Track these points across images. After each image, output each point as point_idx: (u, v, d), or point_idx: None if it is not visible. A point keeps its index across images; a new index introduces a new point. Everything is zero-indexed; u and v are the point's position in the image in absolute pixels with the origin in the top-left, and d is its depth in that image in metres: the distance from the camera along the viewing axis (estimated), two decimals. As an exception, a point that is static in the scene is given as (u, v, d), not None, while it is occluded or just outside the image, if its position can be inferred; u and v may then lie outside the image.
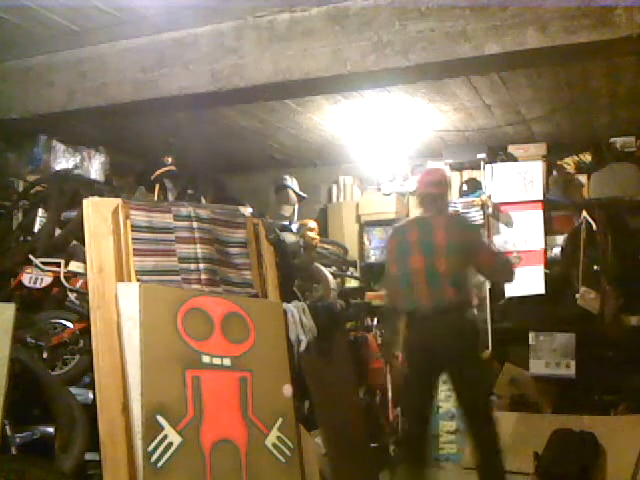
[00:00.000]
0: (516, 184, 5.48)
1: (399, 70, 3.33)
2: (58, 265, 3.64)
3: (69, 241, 3.84)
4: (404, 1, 3.24)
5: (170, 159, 5.12)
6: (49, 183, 4.25)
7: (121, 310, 3.20)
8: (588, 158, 5.51)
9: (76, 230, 3.66)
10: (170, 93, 3.74)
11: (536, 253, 5.41)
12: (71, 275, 3.62)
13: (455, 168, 5.79)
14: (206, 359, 3.30)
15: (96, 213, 3.40)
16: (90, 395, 3.21)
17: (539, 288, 5.31)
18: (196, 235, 3.62)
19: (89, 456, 3.06)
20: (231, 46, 3.59)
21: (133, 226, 3.45)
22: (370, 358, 5.06)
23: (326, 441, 3.88)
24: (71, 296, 3.56)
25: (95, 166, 5.10)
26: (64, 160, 4.82)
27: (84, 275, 3.45)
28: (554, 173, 5.56)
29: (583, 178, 5.47)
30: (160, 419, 3.04)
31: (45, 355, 3.34)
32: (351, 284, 5.94)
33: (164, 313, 3.26)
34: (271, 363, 3.54)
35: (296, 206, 5.81)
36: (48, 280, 3.59)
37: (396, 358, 4.15)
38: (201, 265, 3.57)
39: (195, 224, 3.64)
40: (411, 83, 4.19)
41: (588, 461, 4.41)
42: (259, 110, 4.98)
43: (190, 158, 5.59)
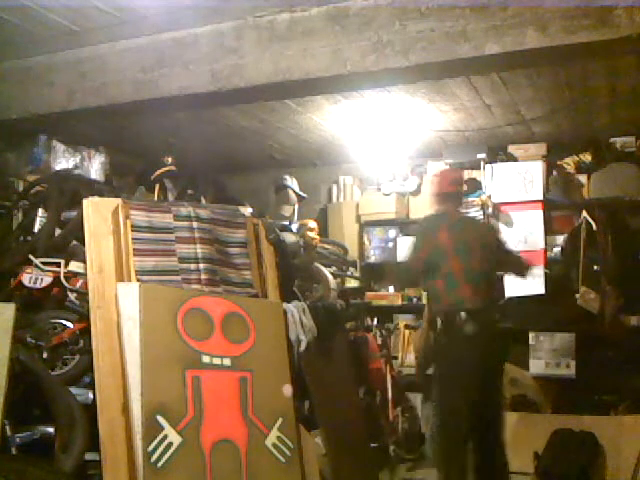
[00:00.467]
0: (516, 184, 5.48)
1: (399, 70, 3.33)
2: (58, 265, 3.63)
3: (69, 241, 3.84)
4: (404, 1, 3.24)
5: (170, 159, 5.12)
6: (49, 183, 4.25)
7: (121, 310, 3.20)
8: (588, 158, 5.50)
9: (76, 230, 3.65)
10: (170, 93, 3.74)
11: (536, 253, 5.39)
12: (71, 275, 3.61)
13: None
14: (206, 359, 3.30)
15: (96, 213, 3.40)
16: (90, 395, 3.20)
17: (539, 288, 5.30)
18: (196, 235, 3.62)
19: (89, 456, 3.05)
20: (231, 46, 3.60)
21: (133, 226, 3.45)
22: (370, 358, 5.06)
23: (326, 441, 3.88)
24: (71, 296, 3.55)
25: (95, 166, 5.11)
26: (64, 160, 4.83)
27: (84, 275, 3.45)
28: (554, 173, 5.56)
29: (583, 178, 5.46)
30: (160, 419, 3.04)
31: (45, 355, 3.34)
32: (351, 284, 5.94)
33: (164, 313, 3.26)
34: (271, 363, 3.54)
35: (296, 206, 5.80)
36: (48, 280, 3.59)
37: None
38: (201, 265, 3.57)
39: (195, 224, 3.64)
40: (411, 83, 4.19)
41: (588, 461, 4.41)
42: (259, 110, 4.98)
43: (190, 158, 5.60)
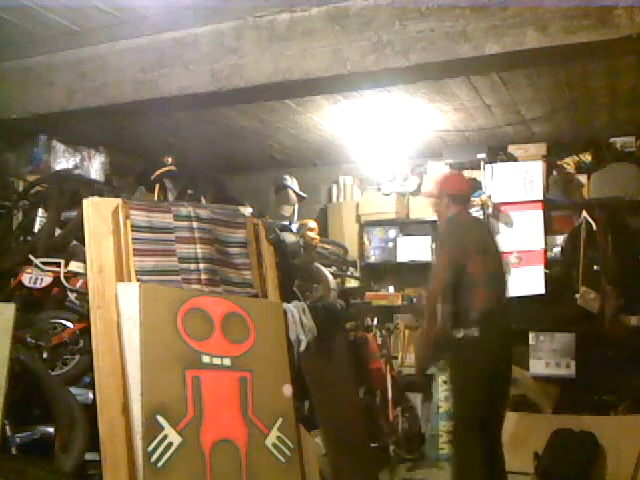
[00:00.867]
0: (516, 184, 5.48)
1: (399, 70, 3.33)
2: (58, 265, 3.63)
3: (69, 241, 3.83)
4: (404, 1, 3.24)
5: (170, 159, 5.12)
6: (49, 183, 4.25)
7: (121, 310, 3.20)
8: (588, 158, 5.51)
9: (76, 230, 3.65)
10: (170, 93, 3.75)
11: (536, 253, 5.41)
12: (71, 275, 3.61)
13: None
14: (206, 359, 3.30)
15: (96, 213, 3.40)
16: (90, 395, 3.20)
17: (539, 288, 5.31)
18: (196, 235, 3.62)
19: (89, 456, 3.05)
20: (231, 46, 3.60)
21: (133, 226, 3.44)
22: (370, 358, 5.06)
23: (326, 441, 3.87)
24: (71, 296, 3.55)
25: (95, 166, 5.11)
26: (64, 160, 4.83)
27: (84, 275, 3.45)
28: (554, 173, 5.56)
29: (583, 178, 5.46)
30: (160, 419, 3.03)
31: (45, 355, 3.34)
32: (351, 284, 5.95)
33: (164, 313, 3.26)
34: (271, 363, 3.54)
35: (296, 206, 5.81)
36: (48, 280, 3.58)
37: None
38: (201, 265, 3.57)
39: (195, 224, 3.64)
40: (411, 83, 4.19)
41: (588, 461, 4.41)
42: (259, 110, 4.98)
43: (190, 158, 5.60)
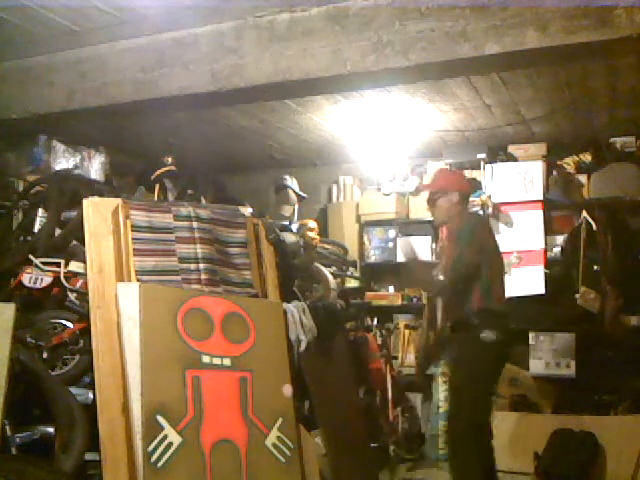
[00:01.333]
0: (516, 184, 5.48)
1: (399, 70, 3.33)
2: (58, 265, 3.63)
3: (69, 241, 3.84)
4: (404, 1, 3.24)
5: (170, 159, 5.12)
6: (49, 183, 4.25)
7: (121, 310, 3.20)
8: (588, 158, 5.51)
9: (76, 230, 3.65)
10: (170, 93, 3.75)
11: (536, 253, 5.41)
12: (71, 275, 3.61)
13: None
14: (206, 359, 3.29)
15: (96, 213, 3.40)
16: (90, 395, 3.20)
17: (539, 288, 5.31)
18: (196, 235, 3.62)
19: (89, 456, 3.05)
20: (231, 46, 3.60)
21: (133, 226, 3.44)
22: (370, 358, 5.06)
23: (326, 441, 3.87)
24: (71, 296, 3.55)
25: (95, 166, 5.11)
26: (64, 160, 4.83)
27: (84, 275, 3.45)
28: (554, 173, 5.56)
29: (583, 178, 5.46)
30: (160, 419, 3.03)
31: (45, 355, 3.34)
32: (351, 284, 5.95)
33: (164, 313, 3.25)
34: (271, 363, 3.53)
35: (296, 206, 5.81)
36: (48, 280, 3.59)
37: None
38: (201, 265, 3.57)
39: (195, 224, 3.64)
40: (411, 83, 4.19)
41: (588, 461, 4.41)
42: (259, 110, 4.98)
43: (190, 158, 5.60)
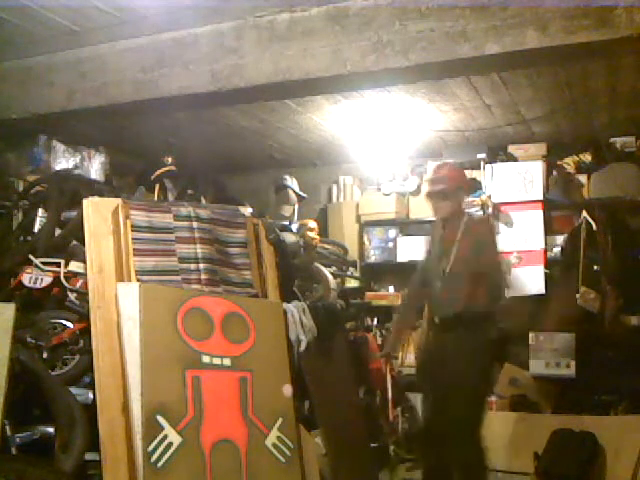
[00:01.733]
0: (516, 184, 5.48)
1: (399, 70, 3.33)
2: (58, 265, 3.64)
3: (69, 241, 3.84)
4: (404, 1, 3.24)
5: (170, 159, 5.12)
6: (49, 183, 4.25)
7: (121, 310, 3.20)
8: (588, 158, 5.51)
9: (76, 230, 3.65)
10: (170, 93, 3.74)
11: (536, 253, 5.41)
12: (71, 275, 3.61)
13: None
14: (206, 359, 3.30)
15: (96, 213, 3.40)
16: (90, 395, 3.20)
17: (539, 288, 5.31)
18: (196, 235, 3.62)
19: (89, 456, 3.05)
20: (231, 46, 3.59)
21: (133, 226, 3.44)
22: (370, 358, 5.05)
23: (326, 441, 3.87)
24: (71, 296, 3.56)
25: (95, 166, 5.11)
26: (64, 160, 4.83)
27: (84, 275, 3.45)
28: (554, 173, 5.56)
29: (583, 178, 5.46)
30: (160, 419, 3.03)
31: (45, 355, 3.35)
32: (351, 284, 5.95)
33: (164, 313, 3.26)
34: (271, 363, 3.53)
35: (296, 206, 5.81)
36: (48, 280, 3.59)
37: None
38: (201, 265, 3.57)
39: (195, 224, 3.64)
40: (411, 83, 4.19)
41: (588, 461, 4.41)
42: (259, 110, 4.98)
43: (190, 158, 5.60)
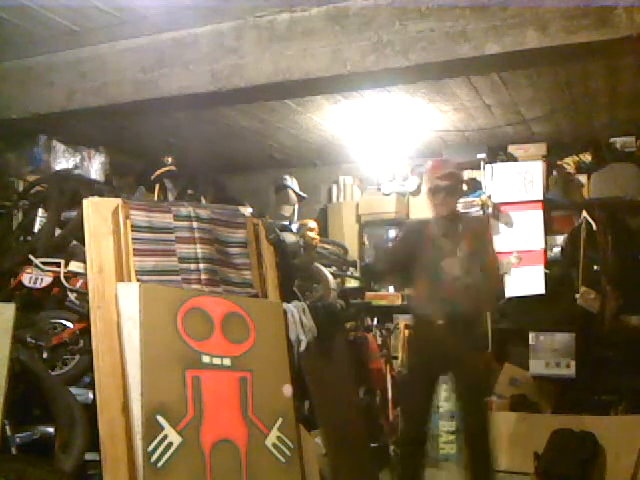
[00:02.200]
0: (516, 184, 5.48)
1: (399, 70, 3.33)
2: (58, 265, 3.64)
3: (69, 241, 3.84)
4: (404, 1, 3.24)
5: (170, 159, 5.12)
6: (49, 183, 4.25)
7: (121, 310, 3.20)
8: (588, 158, 5.51)
9: (76, 230, 3.65)
10: (170, 93, 3.74)
11: (536, 253, 5.41)
12: (71, 275, 3.62)
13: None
14: (206, 359, 3.30)
15: (96, 213, 3.40)
16: (90, 395, 3.20)
17: (539, 288, 5.31)
18: (196, 235, 3.62)
19: (89, 456, 3.05)
20: (231, 46, 3.60)
21: (133, 226, 3.44)
22: (370, 358, 5.05)
23: (326, 441, 3.87)
24: (71, 296, 3.56)
25: (95, 166, 5.11)
26: (64, 160, 4.83)
27: (84, 275, 3.45)
28: (554, 173, 5.56)
29: (583, 178, 5.46)
30: (160, 419, 3.03)
31: (45, 355, 3.34)
32: (351, 284, 5.94)
33: (164, 313, 3.26)
34: (271, 363, 3.54)
35: (296, 206, 5.81)
36: (48, 280, 3.59)
37: None
38: (201, 265, 3.57)
39: (195, 224, 3.64)
40: (411, 83, 4.19)
41: (588, 461, 4.41)
42: (259, 110, 4.98)
43: (190, 158, 5.60)
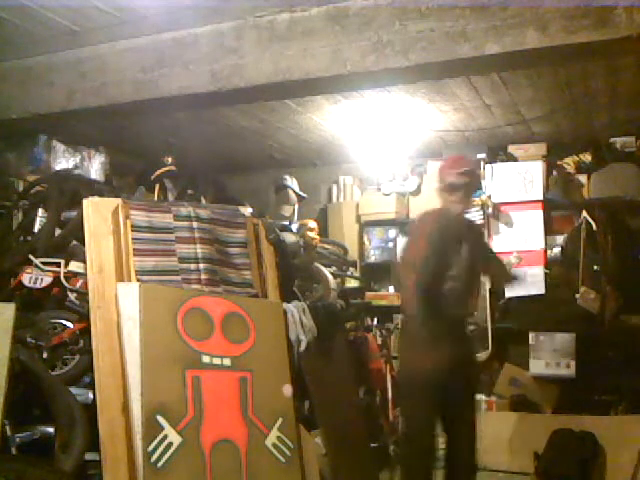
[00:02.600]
0: (516, 184, 5.48)
1: (399, 70, 3.32)
2: (58, 265, 3.64)
3: (69, 241, 3.84)
4: (404, 1, 3.24)
5: (170, 159, 5.12)
6: (49, 183, 4.25)
7: (121, 310, 3.20)
8: (588, 158, 5.51)
9: (76, 230, 3.66)
10: (170, 93, 3.74)
11: (536, 253, 5.41)
12: (71, 275, 3.62)
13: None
14: (206, 359, 3.30)
15: (96, 213, 3.40)
16: (90, 395, 3.21)
17: (539, 288, 5.31)
18: (196, 235, 3.62)
19: (89, 456, 3.05)
20: (231, 46, 3.59)
21: (133, 226, 3.45)
22: (370, 358, 5.05)
23: (326, 441, 3.87)
24: (71, 296, 3.56)
25: (95, 166, 5.11)
26: (64, 160, 4.83)
27: (84, 275, 3.45)
28: (554, 173, 5.56)
29: (583, 178, 5.46)
30: (160, 419, 3.04)
31: (45, 355, 3.34)
32: (351, 284, 5.94)
33: (164, 313, 3.26)
34: (271, 363, 3.54)
35: (296, 206, 5.81)
36: (48, 280, 3.59)
37: None
38: (201, 265, 3.57)
39: (195, 224, 3.64)
40: (411, 83, 4.19)
41: (588, 461, 4.41)
42: (259, 110, 4.98)
43: (190, 158, 5.60)
